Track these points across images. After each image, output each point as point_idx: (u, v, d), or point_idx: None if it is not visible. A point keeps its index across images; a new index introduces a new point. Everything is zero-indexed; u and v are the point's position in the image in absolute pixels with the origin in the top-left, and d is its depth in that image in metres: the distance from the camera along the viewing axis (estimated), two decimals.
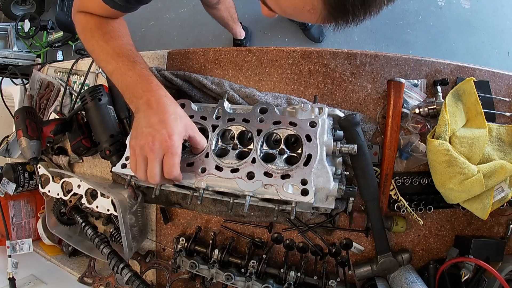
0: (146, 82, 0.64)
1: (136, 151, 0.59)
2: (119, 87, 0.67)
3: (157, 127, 0.58)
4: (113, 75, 0.68)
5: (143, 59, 0.70)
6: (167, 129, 0.58)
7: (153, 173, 0.58)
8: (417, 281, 0.70)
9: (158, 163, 0.57)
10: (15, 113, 0.92)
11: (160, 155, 0.57)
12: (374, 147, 0.77)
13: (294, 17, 0.46)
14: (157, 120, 0.59)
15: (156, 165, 0.57)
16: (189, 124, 0.63)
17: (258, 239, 0.84)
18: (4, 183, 0.97)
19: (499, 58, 1.83)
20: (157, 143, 0.57)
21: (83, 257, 1.05)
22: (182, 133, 0.60)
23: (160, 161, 0.58)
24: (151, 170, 0.58)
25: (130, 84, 0.65)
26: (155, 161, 0.57)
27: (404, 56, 0.79)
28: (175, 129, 0.58)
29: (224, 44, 2.02)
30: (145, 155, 0.58)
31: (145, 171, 0.59)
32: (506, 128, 0.75)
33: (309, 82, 0.83)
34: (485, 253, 0.71)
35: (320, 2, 0.39)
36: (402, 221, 0.77)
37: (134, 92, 0.64)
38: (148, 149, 0.57)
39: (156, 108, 0.60)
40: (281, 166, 0.62)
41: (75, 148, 0.94)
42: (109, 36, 0.70)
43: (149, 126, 0.59)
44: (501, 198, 0.69)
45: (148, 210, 0.96)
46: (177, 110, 0.63)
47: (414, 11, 1.86)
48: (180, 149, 0.59)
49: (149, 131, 0.58)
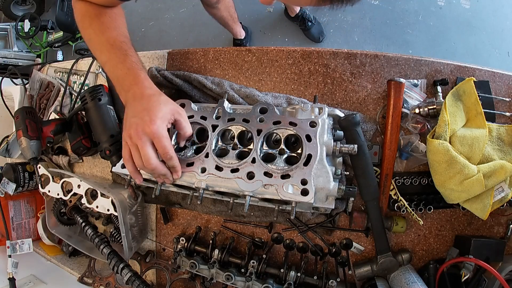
0: (134, 76, 0.66)
1: (128, 142, 0.62)
2: (111, 78, 0.70)
3: (141, 115, 0.60)
4: (105, 66, 0.70)
5: (135, 52, 0.72)
6: (150, 115, 0.60)
7: (146, 156, 0.59)
8: (417, 281, 0.70)
9: (149, 147, 0.59)
10: (15, 113, 0.92)
11: (148, 140, 0.59)
12: (374, 147, 0.77)
13: (291, 2, 0.47)
14: (141, 108, 0.62)
15: (148, 149, 0.59)
16: (175, 109, 0.65)
17: (258, 239, 0.84)
18: (4, 183, 0.97)
19: (499, 58, 1.82)
20: (140, 129, 0.59)
21: (83, 257, 1.05)
22: (166, 116, 0.62)
23: (150, 145, 0.60)
24: (144, 155, 0.59)
25: (120, 77, 0.67)
26: (146, 146, 0.59)
27: (404, 56, 0.79)
28: (158, 114, 0.60)
29: (224, 44, 2.02)
30: (135, 143, 0.60)
31: (139, 157, 0.61)
32: (506, 128, 0.75)
33: (309, 82, 0.83)
34: (485, 253, 0.71)
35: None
36: (402, 221, 0.77)
37: (123, 85, 0.67)
38: (136, 137, 0.60)
39: (140, 98, 0.63)
40: (281, 166, 0.62)
41: (75, 148, 0.94)
42: (105, 27, 0.72)
43: (134, 115, 0.61)
44: (501, 198, 0.69)
45: (148, 210, 0.96)
46: (161, 97, 0.65)
47: (414, 11, 1.86)
48: (165, 131, 0.61)
49: (135, 120, 0.61)
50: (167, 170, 0.63)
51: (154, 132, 0.59)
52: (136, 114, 0.61)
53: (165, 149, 0.60)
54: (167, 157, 0.61)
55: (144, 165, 0.61)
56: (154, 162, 0.60)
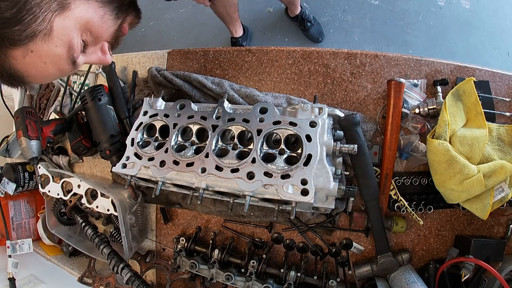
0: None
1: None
2: None
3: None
4: None
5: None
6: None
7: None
8: (417, 281, 0.70)
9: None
10: (15, 113, 0.92)
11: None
12: (374, 147, 0.77)
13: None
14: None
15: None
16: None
17: (258, 239, 0.84)
18: (4, 183, 0.97)
19: (499, 58, 1.82)
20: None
21: (83, 257, 1.05)
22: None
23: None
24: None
25: None
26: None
27: (404, 56, 0.79)
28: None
29: (224, 44, 2.02)
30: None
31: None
32: (506, 128, 0.75)
33: (309, 82, 0.83)
34: (485, 253, 0.71)
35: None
36: (402, 221, 0.77)
37: None
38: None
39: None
40: (281, 166, 0.62)
41: (75, 148, 0.94)
42: None
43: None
44: (501, 198, 0.69)
45: (148, 210, 0.96)
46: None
47: (414, 11, 1.86)
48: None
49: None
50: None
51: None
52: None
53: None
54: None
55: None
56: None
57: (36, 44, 0.46)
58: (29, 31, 0.44)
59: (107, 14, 0.54)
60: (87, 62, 0.56)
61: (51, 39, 0.47)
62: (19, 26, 0.43)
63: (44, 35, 0.46)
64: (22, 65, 0.48)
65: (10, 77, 0.49)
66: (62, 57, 0.50)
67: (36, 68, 0.49)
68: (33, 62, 0.48)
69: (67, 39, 0.49)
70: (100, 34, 0.54)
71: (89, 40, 0.53)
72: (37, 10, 0.44)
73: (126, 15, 0.60)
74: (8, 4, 0.42)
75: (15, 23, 0.43)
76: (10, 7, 0.42)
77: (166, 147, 0.71)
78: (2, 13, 0.42)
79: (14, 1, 0.42)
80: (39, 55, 0.47)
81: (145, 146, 0.75)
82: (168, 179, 0.69)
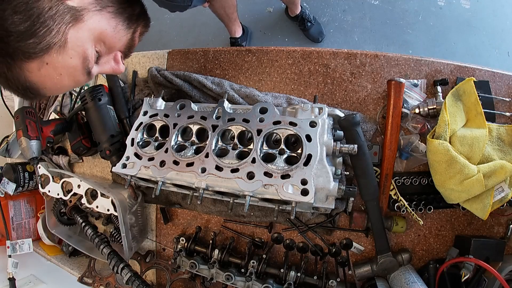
0: None
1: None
2: None
3: None
4: None
5: None
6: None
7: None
8: (417, 281, 0.70)
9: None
10: (15, 113, 0.92)
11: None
12: (374, 147, 0.77)
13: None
14: None
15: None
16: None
17: (258, 239, 0.84)
18: (4, 183, 0.97)
19: (499, 58, 1.82)
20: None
21: (83, 257, 1.05)
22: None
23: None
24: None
25: None
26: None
27: (404, 56, 0.79)
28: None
29: (224, 44, 2.02)
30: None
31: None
32: (506, 128, 0.75)
33: (309, 82, 0.83)
34: (485, 253, 0.71)
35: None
36: (402, 221, 0.77)
37: None
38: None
39: None
40: (281, 166, 0.62)
41: (75, 148, 0.94)
42: None
43: None
44: (501, 198, 0.69)
45: (148, 210, 0.96)
46: None
47: (414, 11, 1.86)
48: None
49: None
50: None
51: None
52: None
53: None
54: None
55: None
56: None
57: (51, 56, 0.46)
58: (44, 44, 0.44)
59: (119, 24, 0.54)
60: (101, 72, 0.57)
61: (66, 51, 0.47)
62: (34, 39, 0.43)
63: (59, 47, 0.46)
64: (38, 77, 0.48)
65: (25, 90, 0.49)
66: (77, 69, 0.50)
67: (51, 80, 0.49)
68: (49, 74, 0.48)
69: (81, 50, 0.49)
70: (113, 44, 0.55)
71: (103, 50, 0.54)
72: (50, 22, 0.44)
73: (137, 25, 0.60)
74: (22, 17, 0.42)
75: (29, 36, 0.43)
76: (24, 20, 0.42)
77: (166, 147, 0.71)
78: (16, 26, 0.42)
79: (28, 14, 0.42)
80: (54, 67, 0.48)
81: (145, 146, 0.75)
82: (168, 179, 0.69)
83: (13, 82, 0.47)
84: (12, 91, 0.50)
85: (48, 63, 0.47)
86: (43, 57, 0.46)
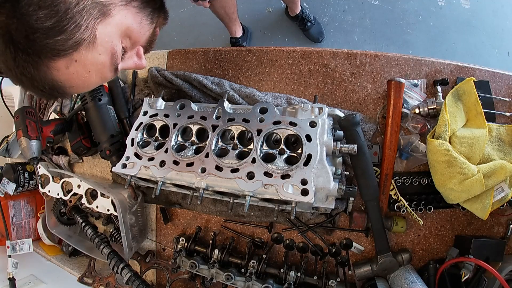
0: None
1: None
2: None
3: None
4: None
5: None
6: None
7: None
8: (417, 281, 0.70)
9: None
10: (15, 113, 0.92)
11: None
12: (374, 147, 0.77)
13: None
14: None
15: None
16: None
17: (258, 239, 0.84)
18: (4, 183, 0.97)
19: (499, 58, 1.82)
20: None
21: (83, 257, 1.05)
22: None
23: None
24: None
25: None
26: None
27: (404, 56, 0.79)
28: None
29: (224, 44, 2.02)
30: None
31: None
32: (506, 128, 0.75)
33: (309, 82, 0.83)
34: (485, 253, 0.71)
35: None
36: (402, 221, 0.77)
37: None
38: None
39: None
40: (281, 166, 0.62)
41: (75, 148, 0.94)
42: None
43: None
44: (501, 198, 0.69)
45: (148, 210, 0.96)
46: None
47: (414, 11, 1.86)
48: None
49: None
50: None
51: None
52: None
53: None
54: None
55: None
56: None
57: (80, 53, 0.44)
58: (73, 40, 0.43)
59: (144, 19, 0.53)
60: (124, 67, 0.55)
61: (95, 47, 0.46)
62: (63, 36, 0.42)
63: (88, 43, 0.44)
64: (65, 75, 0.46)
65: (52, 89, 0.47)
66: (105, 65, 0.49)
67: (80, 78, 0.47)
68: (77, 72, 0.46)
69: (110, 46, 0.48)
70: (138, 39, 0.54)
71: (128, 46, 0.53)
72: (79, 18, 0.42)
73: (158, 19, 0.59)
74: (48, 12, 0.40)
75: (58, 32, 0.41)
76: (51, 16, 0.40)
77: (166, 147, 0.71)
78: (42, 22, 0.40)
79: (54, 10, 0.40)
80: (84, 64, 0.46)
81: (145, 146, 0.75)
82: (168, 179, 0.69)
83: (39, 82, 0.45)
84: (37, 92, 0.48)
85: (77, 61, 0.45)
86: (72, 54, 0.44)
